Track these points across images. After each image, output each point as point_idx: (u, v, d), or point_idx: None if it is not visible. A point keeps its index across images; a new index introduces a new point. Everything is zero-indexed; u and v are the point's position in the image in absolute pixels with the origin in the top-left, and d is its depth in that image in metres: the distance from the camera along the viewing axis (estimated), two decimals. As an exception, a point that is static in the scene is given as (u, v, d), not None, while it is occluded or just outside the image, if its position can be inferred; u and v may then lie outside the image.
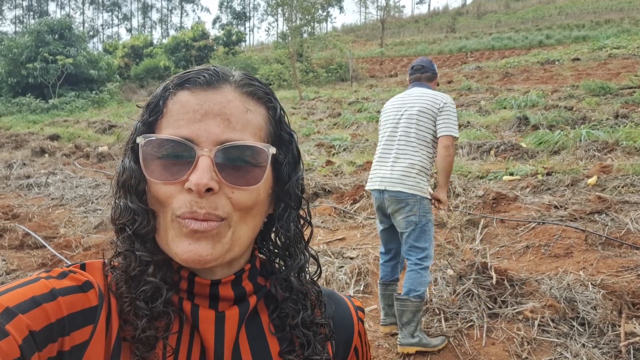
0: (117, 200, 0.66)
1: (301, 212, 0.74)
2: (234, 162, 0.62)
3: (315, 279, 0.77)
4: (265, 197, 0.67)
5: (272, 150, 0.64)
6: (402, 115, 3.28)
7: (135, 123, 0.66)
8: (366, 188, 3.45)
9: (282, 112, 0.70)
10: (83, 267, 0.66)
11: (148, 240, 0.64)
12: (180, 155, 0.61)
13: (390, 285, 3.42)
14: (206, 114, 0.62)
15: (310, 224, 0.75)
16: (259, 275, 0.73)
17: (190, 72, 0.66)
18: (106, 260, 0.68)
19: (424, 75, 3.43)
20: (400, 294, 3.21)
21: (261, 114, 0.66)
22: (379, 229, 3.46)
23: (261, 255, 0.77)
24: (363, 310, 0.84)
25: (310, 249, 0.75)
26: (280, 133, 0.69)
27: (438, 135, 3.18)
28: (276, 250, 0.74)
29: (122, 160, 0.66)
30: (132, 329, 0.62)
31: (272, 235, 0.74)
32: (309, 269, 0.75)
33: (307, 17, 28.49)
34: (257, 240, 0.75)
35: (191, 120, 0.61)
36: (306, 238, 0.75)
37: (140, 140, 0.62)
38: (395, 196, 3.15)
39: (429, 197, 3.19)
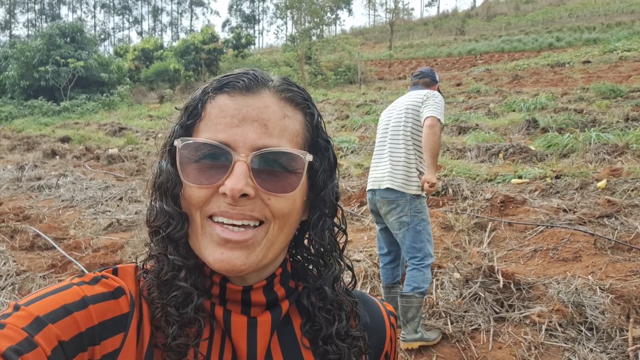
0: (152, 202, 0.67)
1: (335, 220, 0.72)
2: (270, 168, 0.61)
3: (350, 290, 0.75)
4: (301, 204, 0.67)
5: (309, 157, 0.64)
6: (392, 116, 3.39)
7: (173, 126, 0.67)
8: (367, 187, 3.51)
9: (319, 118, 0.69)
10: (115, 271, 0.65)
11: (181, 244, 0.64)
12: (217, 160, 0.61)
13: (393, 288, 3.44)
14: (244, 119, 0.61)
15: (344, 232, 0.73)
16: (291, 279, 0.72)
17: (229, 75, 0.66)
18: (139, 264, 0.68)
19: (421, 80, 3.53)
20: (402, 290, 3.25)
21: (299, 120, 0.66)
22: (377, 229, 3.50)
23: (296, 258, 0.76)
24: (395, 316, 0.82)
25: (345, 258, 0.74)
26: (317, 140, 0.68)
27: (422, 119, 3.20)
28: (310, 257, 0.73)
29: (159, 162, 0.67)
30: (163, 336, 0.61)
31: (306, 241, 0.73)
32: (344, 278, 0.74)
33: (315, 20, 28.58)
34: (290, 246, 0.74)
35: (229, 125, 0.61)
36: (341, 246, 0.73)
37: (177, 143, 0.62)
38: (385, 197, 3.19)
39: (422, 195, 3.21)
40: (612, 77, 17.63)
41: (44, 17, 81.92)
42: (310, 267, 0.73)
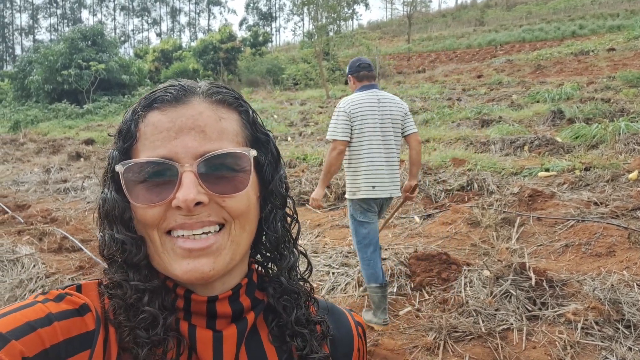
0: (101, 233, 0.65)
1: (287, 211, 0.73)
2: (218, 172, 0.61)
3: (306, 277, 0.76)
4: (256, 200, 0.68)
5: (253, 152, 0.64)
6: (385, 119, 3.48)
7: (110, 152, 0.65)
8: (373, 197, 3.44)
9: (254, 114, 0.69)
10: (79, 288, 0.65)
11: (142, 266, 0.63)
12: (163, 176, 0.60)
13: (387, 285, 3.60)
14: (180, 130, 0.61)
15: (297, 221, 0.75)
16: (257, 289, 0.72)
17: (156, 91, 0.65)
18: (102, 281, 0.67)
19: (371, 74, 3.67)
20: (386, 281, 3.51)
21: (234, 119, 0.66)
22: (371, 222, 3.50)
23: (258, 266, 0.76)
24: (362, 326, 0.83)
25: (299, 246, 0.75)
26: (256, 135, 0.69)
27: (408, 133, 3.55)
28: (268, 254, 0.74)
29: (102, 192, 0.65)
30: (131, 358, 0.61)
31: (263, 238, 0.74)
32: (300, 267, 0.75)
33: (332, 15, 28.45)
34: (250, 249, 0.74)
35: (167, 139, 0.61)
36: (294, 236, 0.75)
37: (119, 168, 0.61)
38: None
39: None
40: (638, 64, 17.15)
41: (65, 21, 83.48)
42: (271, 265, 0.74)
